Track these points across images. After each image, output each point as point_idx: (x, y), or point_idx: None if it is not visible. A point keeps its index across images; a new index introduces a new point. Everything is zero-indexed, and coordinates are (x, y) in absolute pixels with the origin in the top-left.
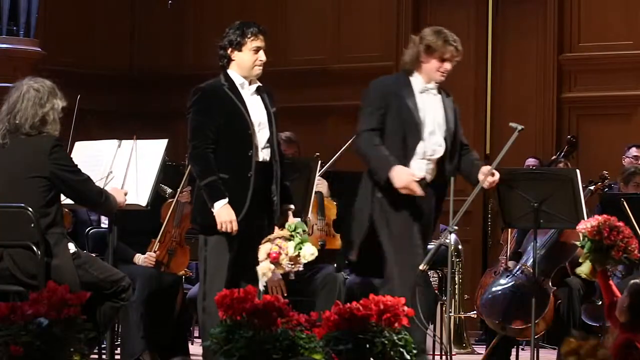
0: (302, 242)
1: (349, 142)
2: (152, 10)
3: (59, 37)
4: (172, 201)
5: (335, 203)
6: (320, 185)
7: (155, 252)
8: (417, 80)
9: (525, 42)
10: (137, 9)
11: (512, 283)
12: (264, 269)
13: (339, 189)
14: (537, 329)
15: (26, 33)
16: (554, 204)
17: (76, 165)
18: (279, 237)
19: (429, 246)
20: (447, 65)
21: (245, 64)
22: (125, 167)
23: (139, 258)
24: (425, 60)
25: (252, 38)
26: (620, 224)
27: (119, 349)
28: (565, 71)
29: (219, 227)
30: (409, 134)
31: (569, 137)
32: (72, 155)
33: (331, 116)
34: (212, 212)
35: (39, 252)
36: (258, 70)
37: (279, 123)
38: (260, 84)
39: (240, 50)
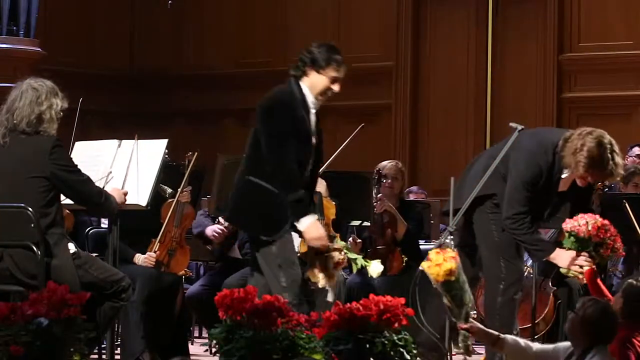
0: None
1: (347, 141)
2: (152, 10)
3: (59, 37)
4: (173, 201)
5: (334, 203)
6: (319, 185)
7: (155, 252)
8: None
9: (525, 42)
10: (137, 9)
11: None
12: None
13: (337, 189)
14: (537, 329)
15: (26, 33)
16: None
17: (76, 165)
18: (339, 249)
19: (429, 246)
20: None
21: (317, 87)
22: (125, 167)
23: (139, 258)
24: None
25: (335, 67)
26: (606, 222)
27: (119, 349)
28: (565, 71)
29: (308, 244)
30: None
31: None
32: (72, 155)
33: (330, 116)
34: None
35: (39, 252)
36: (324, 99)
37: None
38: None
39: (318, 72)
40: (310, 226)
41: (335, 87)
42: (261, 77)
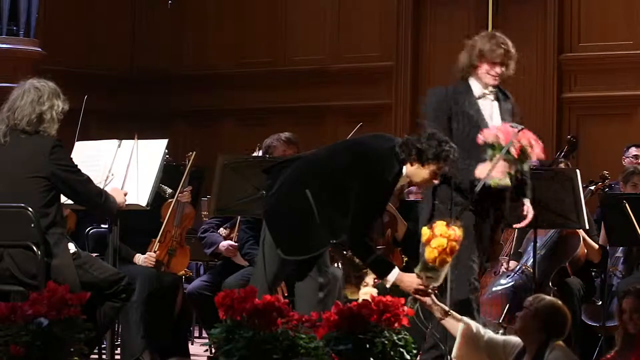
0: None
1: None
2: (152, 10)
3: (59, 37)
4: (172, 201)
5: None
6: None
7: (155, 252)
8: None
9: (525, 42)
10: (137, 9)
11: (512, 283)
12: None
13: None
14: None
15: (26, 33)
16: (554, 204)
17: (76, 165)
18: None
19: None
20: (498, 69)
21: (416, 178)
22: (125, 167)
23: (139, 258)
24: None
25: (441, 163)
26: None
27: (119, 349)
28: (565, 71)
29: (413, 293)
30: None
31: (569, 137)
32: (72, 155)
33: (331, 116)
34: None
35: (39, 252)
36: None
37: None
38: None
39: (422, 166)
40: (399, 280)
41: (435, 182)
42: (261, 77)
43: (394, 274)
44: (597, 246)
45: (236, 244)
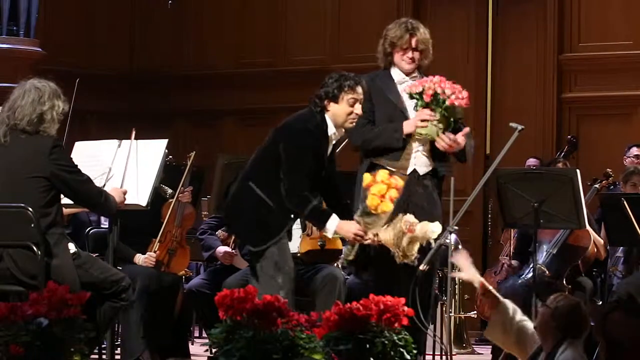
0: None
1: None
2: (152, 10)
3: (59, 37)
4: (173, 201)
5: None
6: None
7: (155, 252)
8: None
9: (525, 42)
10: (137, 9)
11: (525, 282)
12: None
13: None
14: None
15: (26, 33)
16: (554, 204)
17: (76, 165)
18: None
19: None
20: (410, 54)
21: (340, 116)
22: (125, 167)
23: (139, 258)
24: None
25: (348, 90)
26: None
27: (119, 349)
28: (565, 71)
29: (350, 240)
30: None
31: (569, 137)
32: (72, 155)
33: None
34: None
35: (39, 252)
36: (350, 124)
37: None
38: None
39: (336, 103)
40: (339, 228)
41: (358, 109)
42: (261, 77)
43: (334, 222)
44: (602, 241)
45: (233, 250)
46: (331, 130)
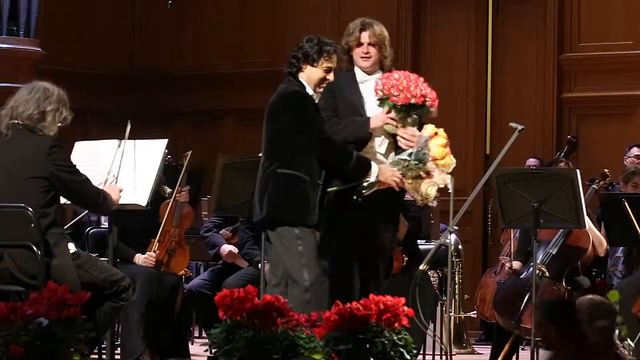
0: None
1: None
2: (152, 10)
3: (59, 37)
4: (170, 201)
5: None
6: None
7: (155, 252)
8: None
9: (525, 42)
10: (137, 9)
11: (525, 283)
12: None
13: None
14: None
15: (26, 33)
16: (554, 204)
17: (74, 165)
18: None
19: (429, 246)
20: (364, 48)
21: (313, 80)
22: (125, 167)
23: (139, 258)
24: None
25: (327, 57)
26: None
27: (119, 349)
28: (565, 71)
29: (389, 184)
30: None
31: (569, 137)
32: (72, 155)
33: None
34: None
35: (39, 252)
36: (319, 91)
37: None
38: None
39: (312, 66)
40: (380, 172)
41: (330, 77)
42: (261, 77)
43: (375, 167)
44: (603, 239)
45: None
46: (309, 91)
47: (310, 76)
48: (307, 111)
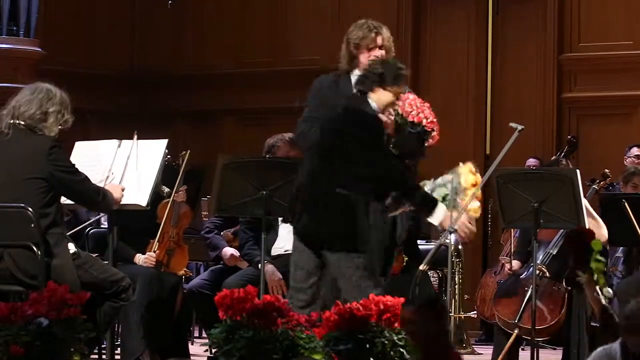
0: None
1: None
2: (152, 10)
3: (59, 37)
4: (169, 201)
5: None
6: None
7: (154, 252)
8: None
9: (525, 42)
10: (137, 9)
11: (525, 283)
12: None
13: None
14: (552, 328)
15: (26, 33)
16: (554, 204)
17: (74, 165)
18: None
19: (429, 246)
20: (377, 53)
21: (383, 103)
22: (125, 167)
23: (140, 258)
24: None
25: (401, 85)
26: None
27: (119, 349)
28: (565, 71)
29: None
30: None
31: (569, 137)
32: (72, 155)
33: None
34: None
35: (39, 252)
36: (385, 115)
37: None
38: None
39: (385, 89)
40: (444, 219)
41: (399, 103)
42: (261, 77)
43: (441, 210)
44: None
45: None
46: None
47: (381, 99)
48: (379, 138)
